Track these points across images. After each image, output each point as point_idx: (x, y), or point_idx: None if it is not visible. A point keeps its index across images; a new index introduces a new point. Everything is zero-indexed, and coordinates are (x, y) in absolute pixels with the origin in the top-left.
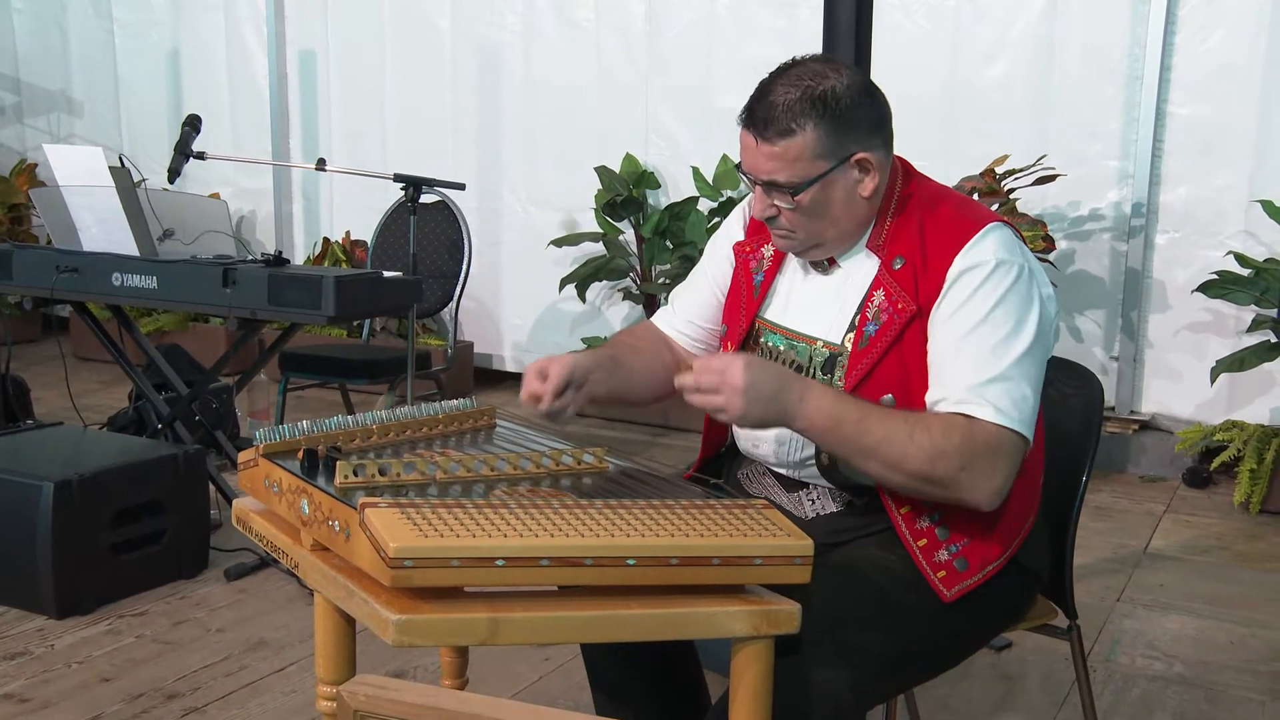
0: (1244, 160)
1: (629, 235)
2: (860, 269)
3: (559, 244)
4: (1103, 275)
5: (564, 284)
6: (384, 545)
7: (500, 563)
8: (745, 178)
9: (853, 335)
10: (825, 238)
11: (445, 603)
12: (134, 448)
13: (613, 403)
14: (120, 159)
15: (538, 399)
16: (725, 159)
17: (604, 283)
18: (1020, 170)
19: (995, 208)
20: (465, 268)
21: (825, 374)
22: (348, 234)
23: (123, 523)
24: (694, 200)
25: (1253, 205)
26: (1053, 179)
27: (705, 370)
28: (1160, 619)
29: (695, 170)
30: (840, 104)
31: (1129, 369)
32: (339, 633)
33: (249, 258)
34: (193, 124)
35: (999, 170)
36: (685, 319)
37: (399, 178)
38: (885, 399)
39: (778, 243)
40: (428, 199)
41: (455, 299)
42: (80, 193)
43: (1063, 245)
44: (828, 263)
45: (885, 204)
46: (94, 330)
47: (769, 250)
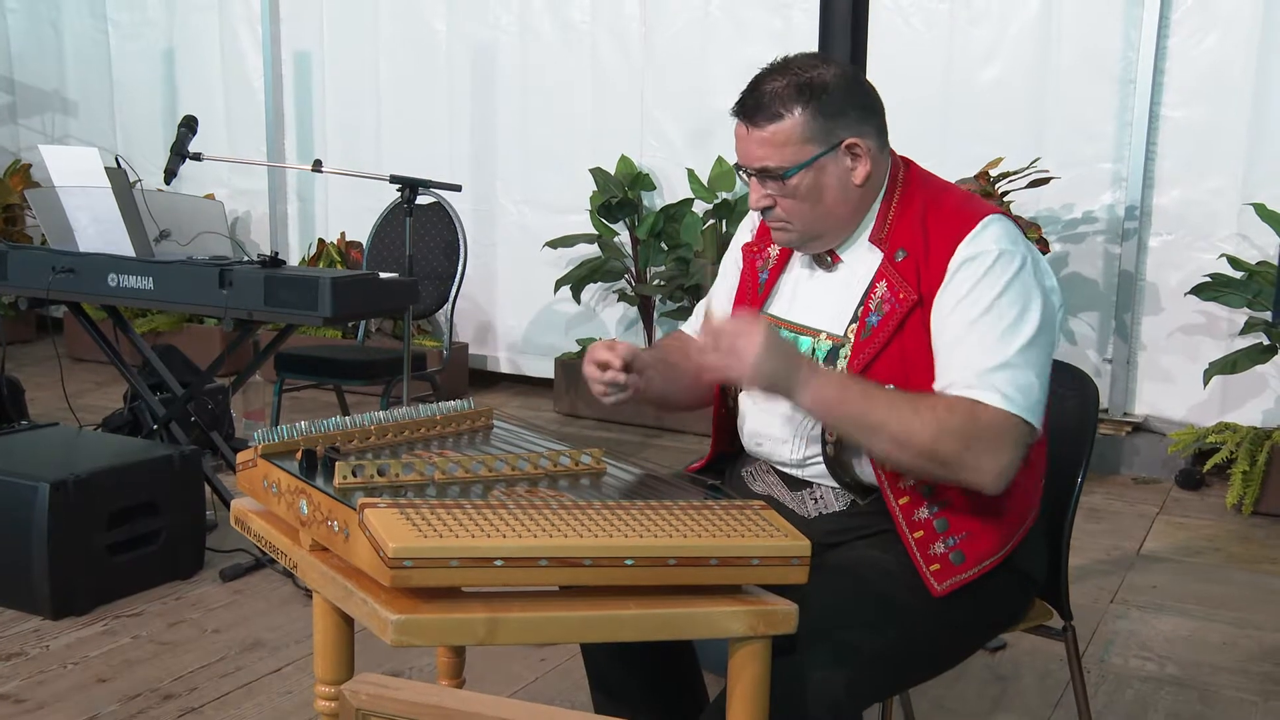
0: (1237, 163)
1: (624, 237)
2: (863, 262)
3: (554, 246)
4: (1096, 278)
5: (559, 286)
6: (383, 545)
7: (499, 563)
8: (741, 173)
9: (855, 326)
10: (822, 227)
11: (444, 603)
12: (129, 448)
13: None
14: (116, 160)
15: (605, 367)
16: (721, 161)
17: (599, 284)
18: (1014, 173)
19: None
20: (460, 269)
21: (828, 365)
22: (343, 235)
23: (118, 523)
24: (689, 202)
25: (1245, 208)
26: (1047, 181)
27: (725, 329)
28: (1154, 620)
29: (690, 172)
30: (828, 90)
31: (1122, 371)
32: (338, 633)
33: (245, 259)
34: (189, 125)
35: (993, 173)
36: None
37: (395, 179)
38: (887, 389)
39: (776, 236)
40: (423, 200)
41: (451, 300)
42: (76, 193)
43: (1057, 248)
44: (831, 258)
45: (887, 197)
46: (89, 331)
47: (775, 250)
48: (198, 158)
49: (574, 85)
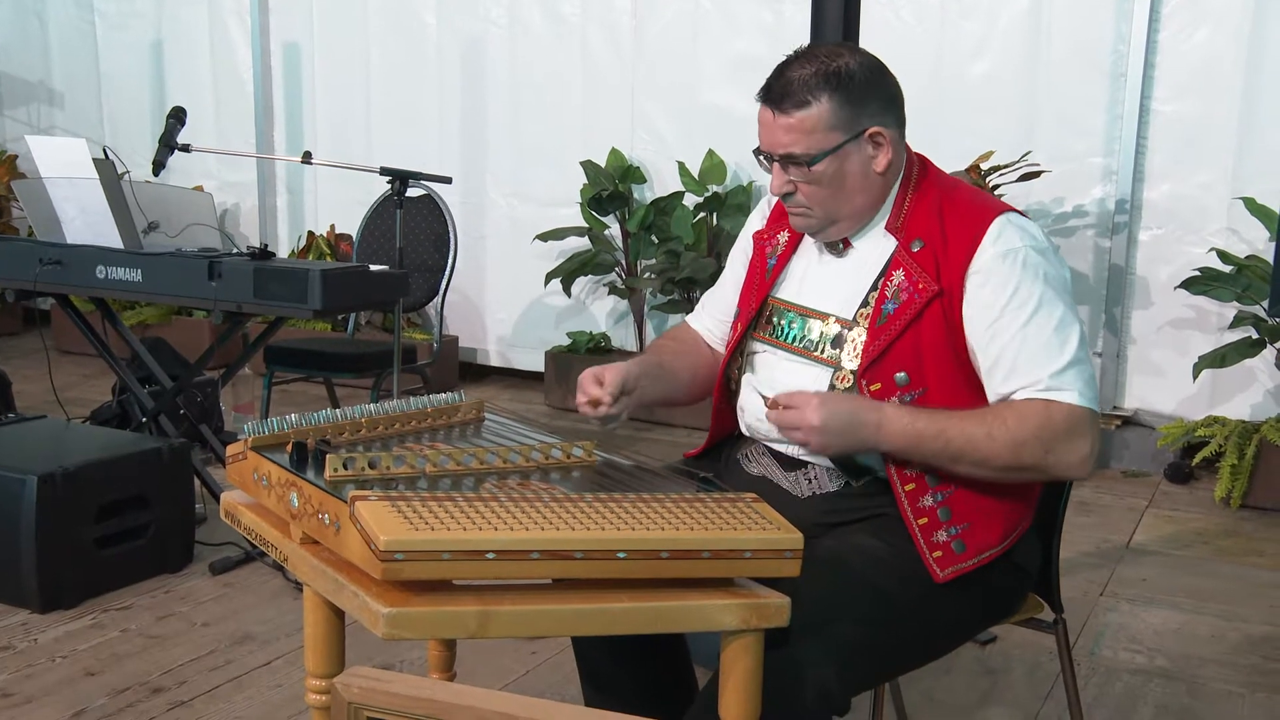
0: (1227, 157)
1: (614, 230)
2: (875, 249)
3: (544, 238)
4: (1086, 271)
5: (549, 279)
6: (374, 538)
7: (491, 556)
8: (762, 158)
9: (867, 311)
10: (841, 214)
11: (435, 595)
12: (118, 441)
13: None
14: (104, 151)
15: (597, 404)
16: (711, 153)
17: (589, 277)
18: (1005, 166)
19: None
20: (451, 262)
21: (835, 349)
22: (332, 227)
23: (107, 516)
24: (680, 195)
25: (1235, 202)
26: (1037, 175)
27: (784, 415)
28: (1143, 613)
29: (681, 165)
30: (854, 79)
31: (1112, 365)
32: (329, 626)
33: (234, 251)
34: (178, 116)
35: (984, 166)
36: (711, 316)
37: (385, 171)
38: (898, 377)
39: (795, 222)
40: (413, 193)
41: (441, 293)
42: (63, 185)
43: None
44: (843, 244)
45: (903, 186)
46: (77, 323)
47: (784, 235)
48: (186, 149)
49: (564, 78)
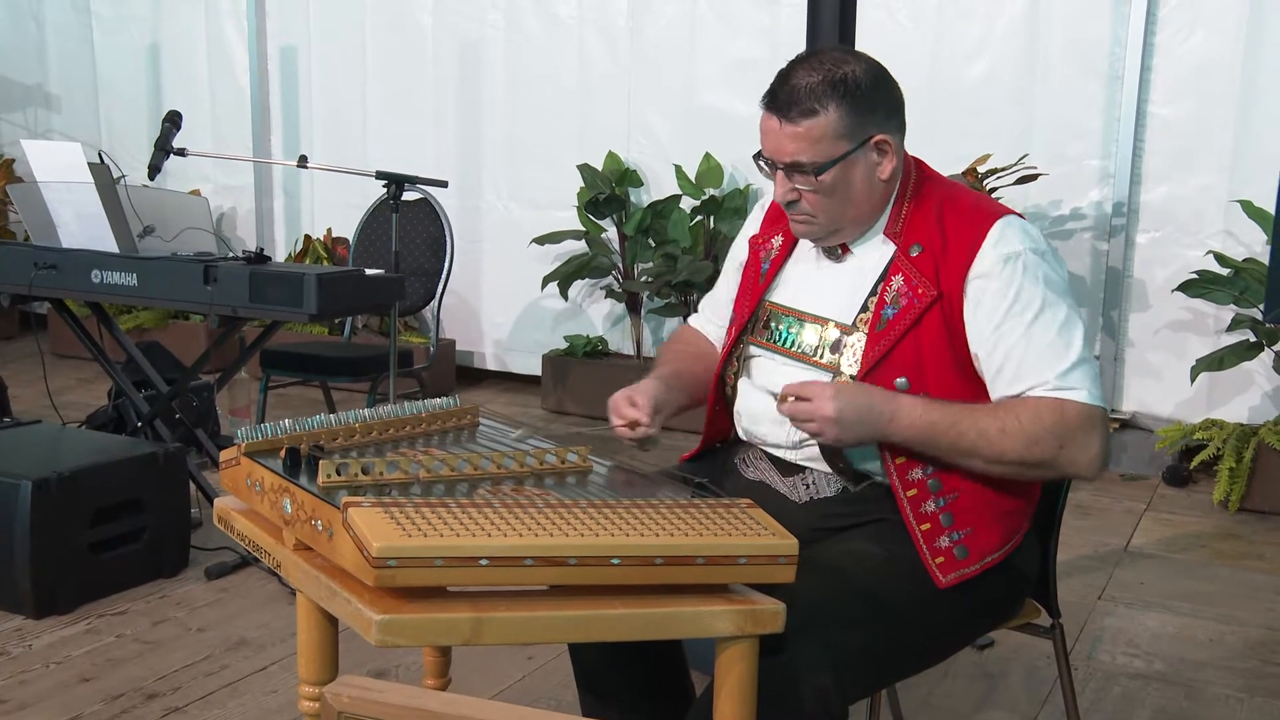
0: (1224, 159)
1: (611, 233)
2: (874, 254)
3: (541, 242)
4: (1084, 274)
5: (546, 282)
6: (367, 545)
7: (484, 562)
8: (765, 164)
9: (867, 316)
10: (844, 221)
11: (429, 602)
12: (113, 446)
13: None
14: (100, 155)
15: (636, 424)
16: (708, 156)
17: (586, 281)
18: (1002, 169)
19: None
20: (447, 265)
21: (834, 354)
22: (329, 231)
23: (102, 521)
24: (676, 198)
25: (1232, 205)
26: (1034, 178)
27: (797, 406)
28: (1140, 617)
29: (678, 168)
30: (860, 87)
31: (1110, 368)
32: (321, 633)
33: (230, 255)
34: (173, 120)
35: (981, 169)
36: (709, 319)
37: (381, 175)
38: (899, 382)
39: (797, 229)
40: (410, 196)
41: (437, 297)
42: (59, 189)
43: None
44: (841, 250)
45: (902, 192)
46: (73, 327)
47: (778, 240)
48: (182, 153)
49: (561, 81)
